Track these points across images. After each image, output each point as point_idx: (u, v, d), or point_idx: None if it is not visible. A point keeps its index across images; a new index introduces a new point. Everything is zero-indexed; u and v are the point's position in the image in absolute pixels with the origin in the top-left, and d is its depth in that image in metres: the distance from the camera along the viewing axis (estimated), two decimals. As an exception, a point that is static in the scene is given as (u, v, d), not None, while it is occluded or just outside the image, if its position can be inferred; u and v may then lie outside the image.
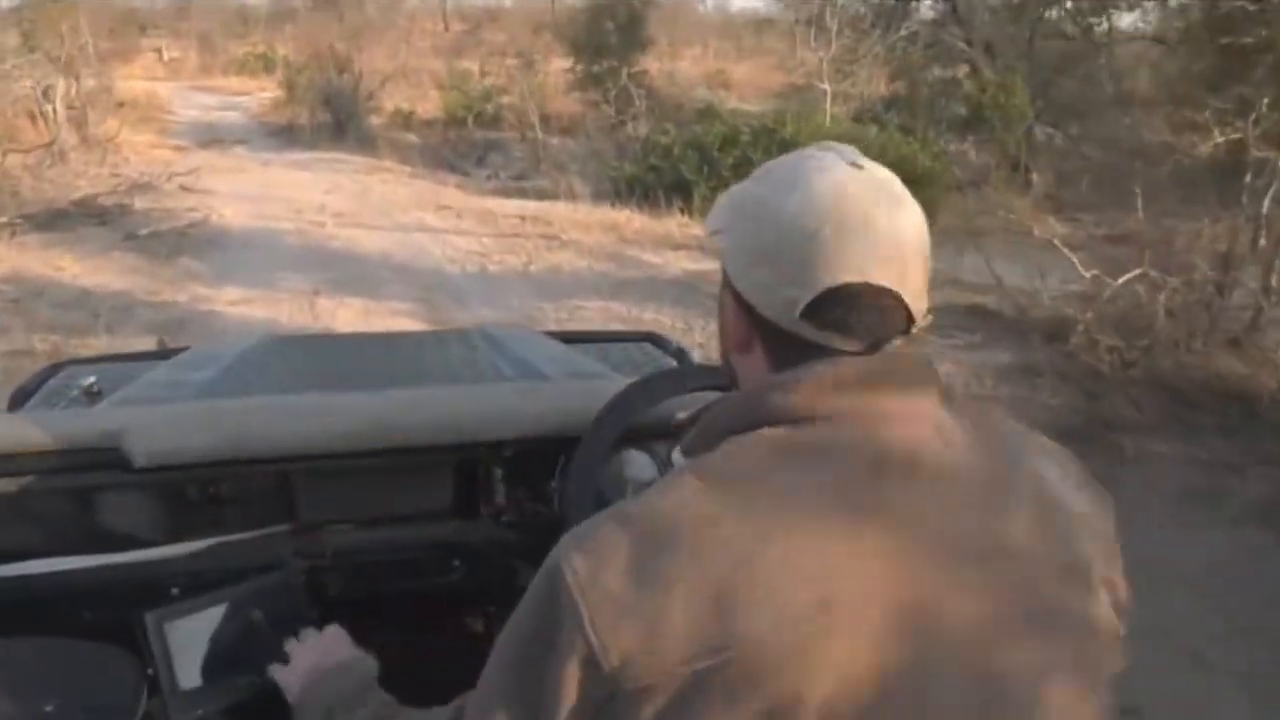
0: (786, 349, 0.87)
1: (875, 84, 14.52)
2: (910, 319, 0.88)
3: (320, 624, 1.30)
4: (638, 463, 1.44)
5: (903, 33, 14.84)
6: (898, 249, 0.85)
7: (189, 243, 10.36)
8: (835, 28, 13.71)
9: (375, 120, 23.32)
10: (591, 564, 0.78)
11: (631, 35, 18.40)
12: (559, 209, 12.79)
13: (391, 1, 36.44)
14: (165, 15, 43.64)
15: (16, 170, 13.55)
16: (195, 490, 1.43)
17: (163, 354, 2.55)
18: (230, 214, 11.88)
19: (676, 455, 1.15)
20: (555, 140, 20.73)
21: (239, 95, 29.82)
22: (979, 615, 0.78)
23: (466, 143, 22.82)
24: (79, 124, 18.55)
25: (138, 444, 1.32)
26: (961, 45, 14.62)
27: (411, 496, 1.51)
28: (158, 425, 1.37)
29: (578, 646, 0.77)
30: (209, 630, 1.27)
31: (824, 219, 0.83)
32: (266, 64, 35.05)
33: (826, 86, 13.69)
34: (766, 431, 0.84)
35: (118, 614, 1.27)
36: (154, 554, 1.38)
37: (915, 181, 12.34)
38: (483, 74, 24.49)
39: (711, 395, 1.30)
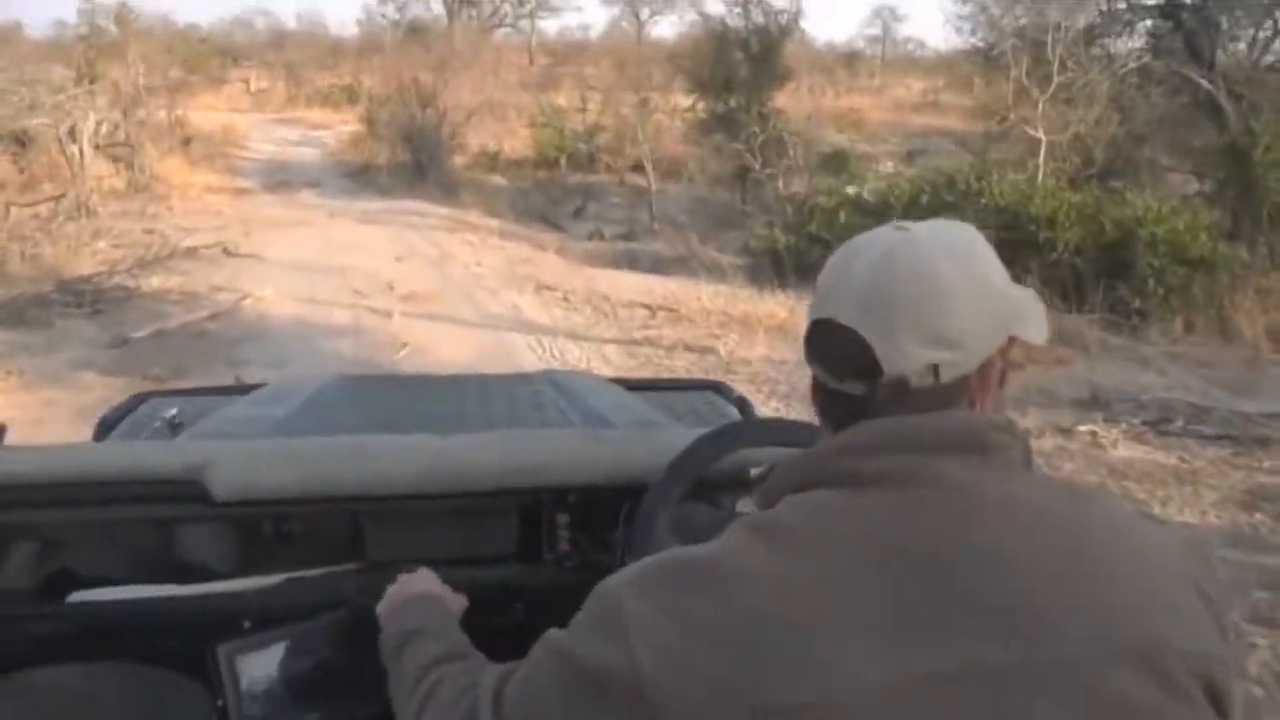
0: (815, 396, 0.88)
1: (1100, 125, 10.65)
2: (875, 364, 0.80)
3: (381, 664, 1.22)
4: (702, 514, 1.34)
5: (1127, 66, 11.04)
6: (877, 296, 0.81)
7: (202, 348, 7.10)
8: (1055, 60, 10.00)
9: (459, 160, 20.27)
10: (641, 599, 0.77)
11: (766, 67, 14.77)
12: (695, 293, 9.31)
13: (479, 34, 34.00)
14: (259, 48, 41.91)
15: (25, 228, 10.59)
16: (268, 526, 1.39)
17: (241, 389, 2.57)
18: (272, 297, 8.69)
19: (742, 506, 1.35)
20: (667, 189, 17.38)
21: (319, 129, 27.08)
22: (1016, 699, 0.71)
23: (559, 188, 19.60)
24: (128, 165, 15.77)
25: (219, 478, 1.32)
26: (1202, 83, 10.77)
27: (476, 539, 1.46)
28: (238, 461, 1.36)
29: (621, 677, 0.74)
30: (278, 665, 1.25)
31: (828, 271, 0.86)
32: (351, 96, 32.44)
33: (1040, 134, 10.02)
34: (821, 492, 0.80)
35: (190, 644, 1.23)
36: (227, 587, 1.35)
37: (1191, 264, 8.15)
38: (583, 109, 21.21)
39: (779, 449, 1.33)
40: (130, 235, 11.18)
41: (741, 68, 14.61)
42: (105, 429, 2.17)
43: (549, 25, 43.93)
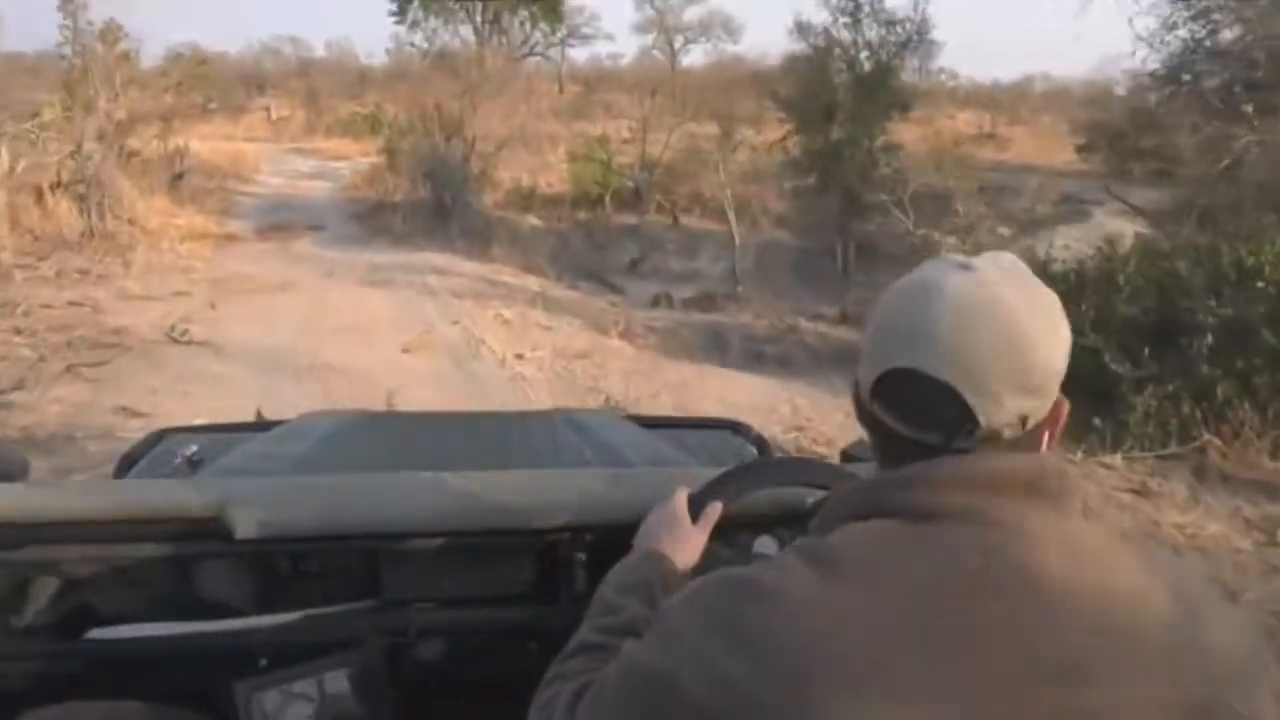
0: (872, 430, 0.84)
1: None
2: (974, 419, 0.77)
3: (401, 701, 1.27)
4: (719, 553, 1.28)
5: None
6: (965, 347, 0.76)
7: None
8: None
9: (488, 197, 17.06)
10: (689, 612, 0.78)
11: (881, 93, 11.19)
12: (837, 412, 5.92)
13: (508, 61, 30.99)
14: (285, 75, 39.10)
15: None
16: (286, 563, 1.35)
17: (261, 425, 2.48)
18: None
19: (759, 545, 1.32)
20: (716, 230, 14.04)
21: (336, 160, 23.93)
22: None
23: (605, 231, 16.32)
24: (98, 208, 12.64)
25: (238, 516, 1.28)
26: None
27: (493, 578, 1.41)
28: (257, 499, 1.32)
29: (667, 683, 0.75)
30: (295, 702, 1.23)
31: (897, 313, 0.80)
32: (373, 125, 29.37)
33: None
34: (878, 523, 0.78)
35: (208, 681, 1.22)
36: (244, 624, 1.31)
37: None
38: (630, 139, 17.93)
39: (797, 489, 1.30)
40: (49, 311, 7.91)
41: (846, 92, 11.03)
42: (126, 466, 2.12)
43: (577, 54, 40.64)
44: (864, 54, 10.36)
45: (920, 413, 0.78)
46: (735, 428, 2.49)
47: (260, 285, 9.63)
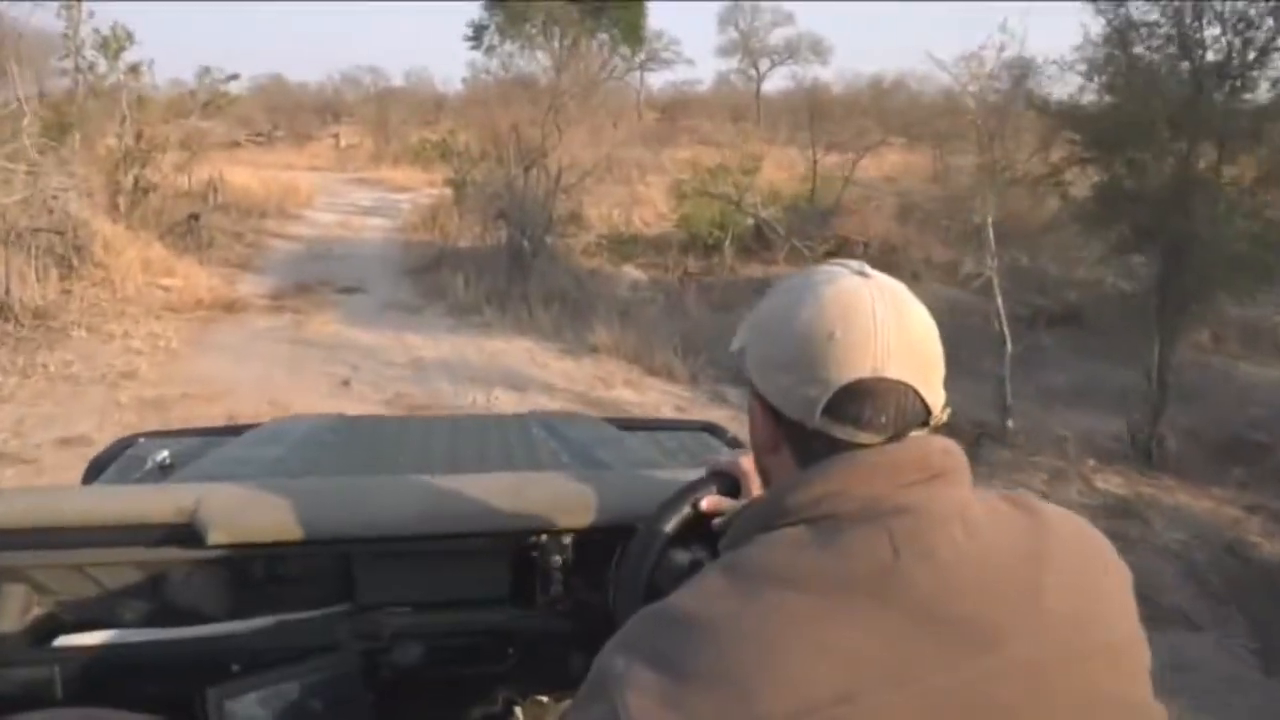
0: (811, 446, 0.78)
1: None
2: (929, 410, 0.78)
3: (376, 706, 1.21)
4: (690, 559, 1.18)
5: None
6: (909, 345, 0.77)
7: None
8: None
9: (576, 237, 12.95)
10: (627, 658, 0.72)
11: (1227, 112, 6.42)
12: None
13: (587, 85, 27.25)
14: (362, 103, 36.06)
15: None
16: (259, 568, 1.28)
17: (234, 430, 2.28)
18: None
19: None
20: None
21: (401, 192, 20.10)
22: (1006, 705, 0.69)
23: (729, 289, 12.00)
24: (60, 263, 8.85)
25: (211, 521, 1.20)
26: None
27: (469, 582, 1.32)
28: (230, 503, 1.25)
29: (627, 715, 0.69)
30: (268, 709, 1.15)
31: (834, 322, 0.77)
32: (443, 152, 25.61)
33: None
34: (790, 530, 0.75)
35: (179, 688, 1.14)
36: (216, 630, 1.23)
37: None
38: (751, 170, 13.61)
39: None
40: None
41: (1164, 112, 6.35)
42: (95, 471, 1.97)
43: (651, 80, 36.57)
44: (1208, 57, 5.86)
45: (878, 416, 0.76)
46: (711, 430, 2.36)
47: (218, 411, 5.51)
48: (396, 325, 8.33)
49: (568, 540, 1.29)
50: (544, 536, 1.29)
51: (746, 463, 1.05)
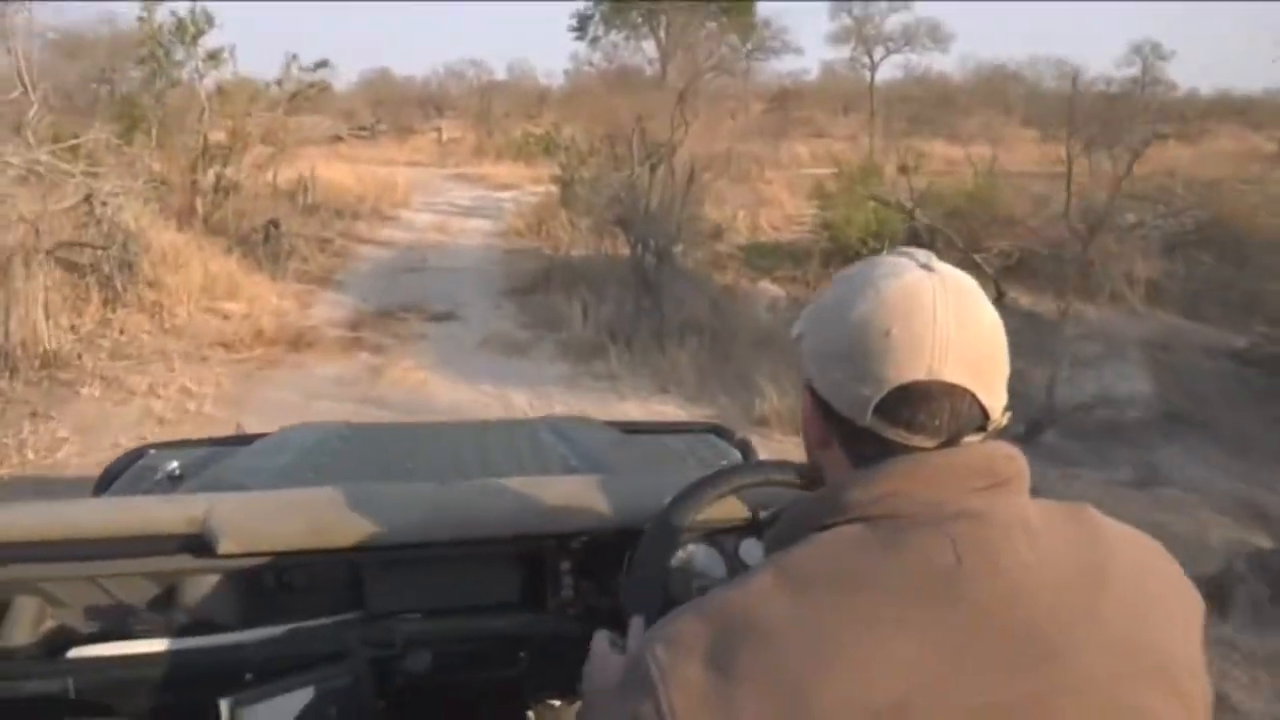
0: (863, 445, 0.74)
1: None
2: (986, 415, 0.73)
3: (388, 713, 1.18)
4: (703, 557, 1.21)
5: None
6: (970, 346, 0.71)
7: None
8: None
9: (704, 247, 10.83)
10: (672, 654, 0.68)
11: None
12: None
13: (693, 78, 25.11)
14: (466, 96, 34.85)
15: None
16: (269, 577, 1.25)
17: (243, 439, 2.27)
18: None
19: (745, 548, 1.18)
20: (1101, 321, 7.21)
21: (504, 189, 18.37)
22: (1076, 718, 0.66)
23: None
24: (104, 286, 7.26)
25: (221, 531, 1.19)
26: None
27: (479, 587, 1.31)
28: (240, 513, 1.24)
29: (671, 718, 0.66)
30: (280, 717, 1.12)
31: (892, 319, 0.71)
32: (547, 147, 23.85)
33: None
34: (845, 528, 0.71)
35: (193, 698, 1.12)
36: (228, 639, 1.20)
37: None
38: (909, 167, 11.21)
39: (782, 491, 1.16)
40: None
41: None
42: (106, 482, 1.94)
43: (759, 69, 34.01)
44: None
45: (932, 420, 0.71)
46: (718, 432, 2.30)
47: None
48: (497, 374, 6.37)
49: (577, 544, 1.26)
50: (553, 541, 1.26)
51: None
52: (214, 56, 10.61)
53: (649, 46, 33.53)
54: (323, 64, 11.75)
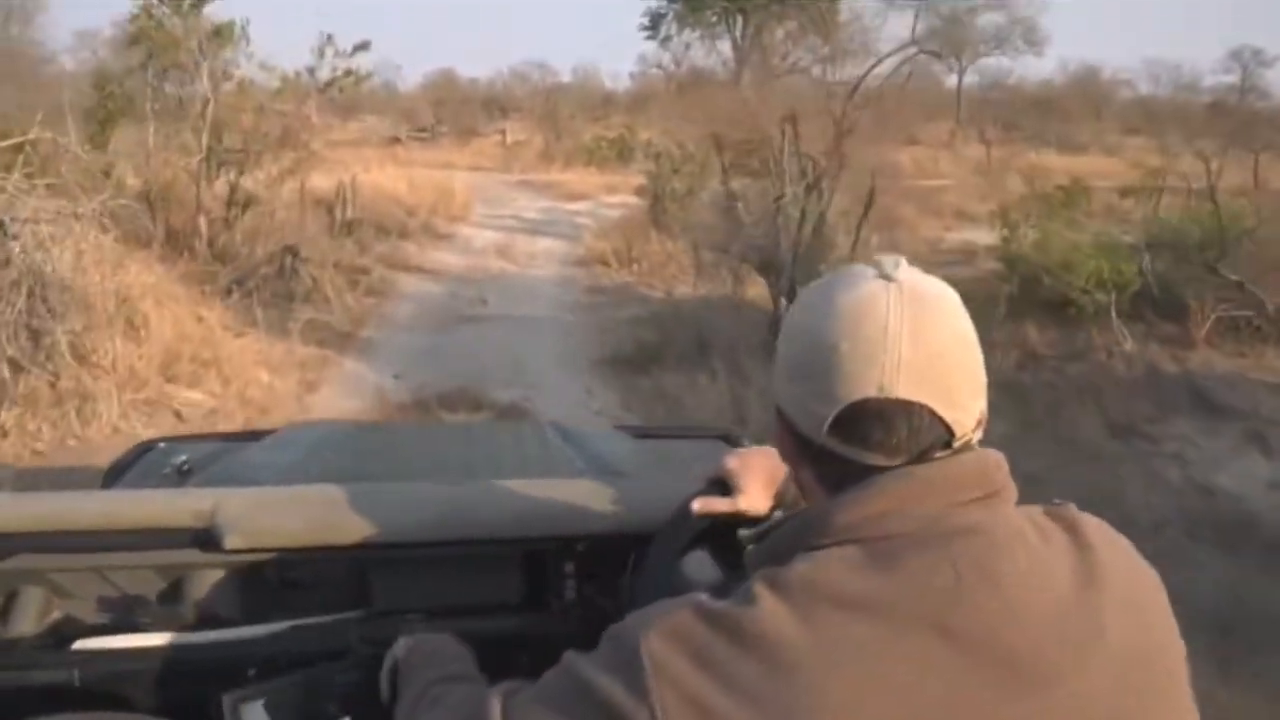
0: (825, 465, 0.70)
1: None
2: (951, 431, 0.67)
3: (390, 712, 1.05)
4: (701, 563, 1.10)
5: None
6: (926, 361, 0.66)
7: None
8: None
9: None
10: (667, 645, 0.65)
11: None
12: None
13: (764, 81, 22.24)
14: (530, 98, 32.50)
15: None
16: (274, 573, 1.21)
17: (252, 435, 2.23)
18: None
19: (691, 561, 1.09)
20: None
21: (577, 199, 15.64)
22: None
23: (1141, 394, 6.71)
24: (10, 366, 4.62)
25: (227, 526, 1.16)
26: None
27: (482, 588, 1.28)
28: (246, 508, 1.20)
29: (656, 713, 0.63)
30: (282, 713, 1.07)
31: (842, 334, 0.67)
32: (621, 151, 21.10)
33: None
34: (839, 550, 0.67)
35: (195, 692, 1.09)
36: (232, 634, 1.18)
37: None
38: (1157, 194, 8.08)
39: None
40: None
41: None
42: (114, 476, 1.93)
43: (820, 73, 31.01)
44: None
45: (889, 438, 0.67)
46: (727, 438, 2.21)
47: None
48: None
49: (581, 547, 1.25)
50: (557, 543, 1.24)
51: (734, 462, 1.00)
52: (220, 32, 7.97)
53: (724, 46, 30.89)
54: (363, 46, 9.03)
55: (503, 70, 36.29)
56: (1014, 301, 7.86)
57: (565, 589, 1.25)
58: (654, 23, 31.66)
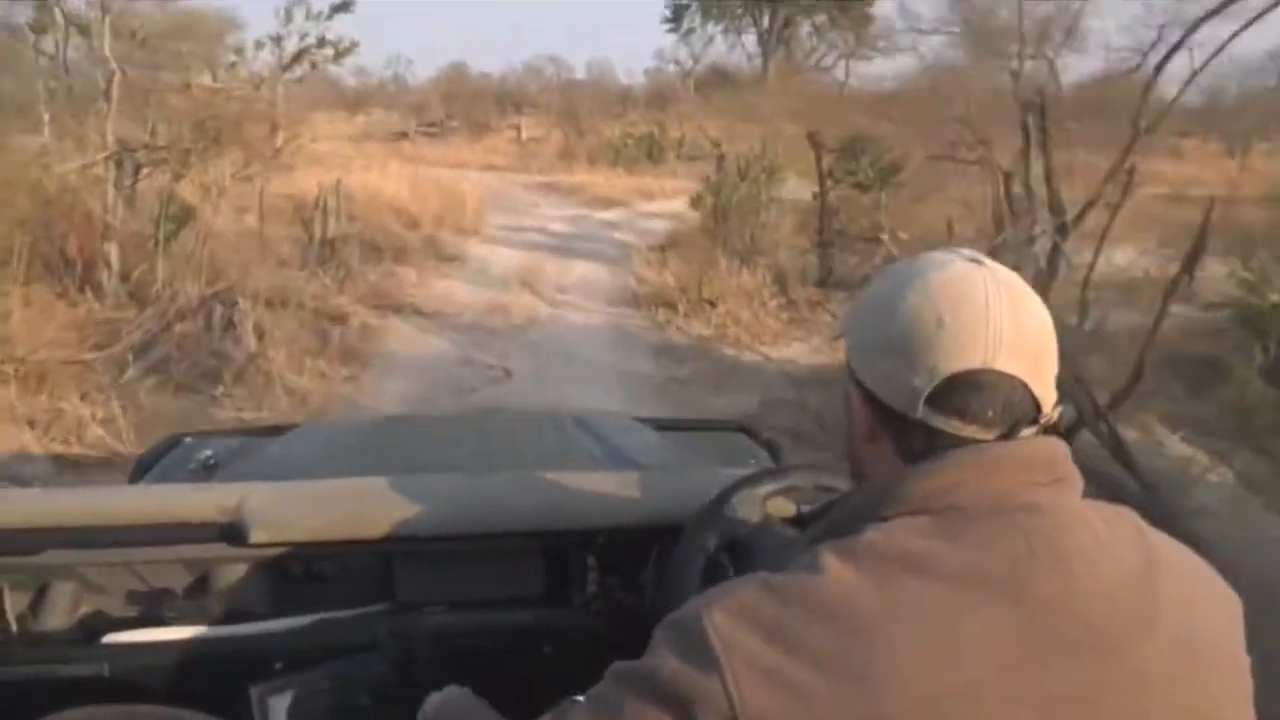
0: (912, 437, 0.69)
1: None
2: (1039, 408, 0.69)
3: (413, 704, 1.06)
4: (771, 538, 1.10)
5: None
6: (1024, 338, 0.67)
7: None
8: None
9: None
10: (734, 622, 0.64)
11: None
12: None
13: (786, 78, 19.80)
14: (543, 94, 30.06)
15: None
16: (300, 567, 1.22)
17: (276, 430, 2.17)
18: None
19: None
20: None
21: (609, 207, 13.11)
22: (1112, 715, 0.64)
23: None
24: None
25: (253, 520, 1.16)
26: None
27: (505, 581, 1.27)
28: (272, 503, 1.21)
29: (714, 700, 0.62)
30: (309, 706, 1.10)
31: (943, 308, 0.67)
32: (650, 150, 18.50)
33: None
34: (909, 519, 0.67)
35: (223, 685, 1.10)
36: (259, 628, 1.19)
37: None
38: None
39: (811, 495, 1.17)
40: None
41: None
42: (141, 470, 1.91)
43: (840, 72, 28.58)
44: None
45: (985, 410, 0.67)
46: (746, 431, 2.19)
47: None
48: None
49: (602, 540, 1.24)
50: (579, 536, 1.24)
51: None
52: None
53: (749, 40, 28.48)
54: (342, 7, 6.42)
55: (515, 65, 33.75)
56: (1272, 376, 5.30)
57: (587, 582, 1.23)
58: (676, 14, 29.22)
